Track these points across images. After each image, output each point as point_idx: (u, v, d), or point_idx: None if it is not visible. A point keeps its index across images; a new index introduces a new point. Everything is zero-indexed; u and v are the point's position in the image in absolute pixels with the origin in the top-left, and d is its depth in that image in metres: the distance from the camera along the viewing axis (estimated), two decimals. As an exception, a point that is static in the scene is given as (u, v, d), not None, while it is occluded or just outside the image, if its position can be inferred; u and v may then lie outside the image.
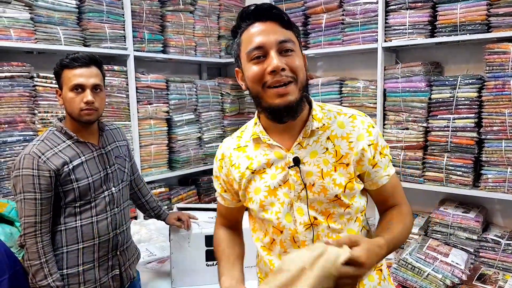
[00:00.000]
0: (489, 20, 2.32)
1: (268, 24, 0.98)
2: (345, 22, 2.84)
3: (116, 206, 1.61)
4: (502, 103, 2.28)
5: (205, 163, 3.41)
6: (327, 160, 1.04)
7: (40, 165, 1.42)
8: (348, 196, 1.04)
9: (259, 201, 1.08)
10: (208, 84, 3.44)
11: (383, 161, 1.07)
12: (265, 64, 0.96)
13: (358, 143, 1.04)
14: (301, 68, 0.99)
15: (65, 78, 1.48)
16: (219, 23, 3.54)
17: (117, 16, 2.77)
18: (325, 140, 1.05)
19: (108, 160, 1.60)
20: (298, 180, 1.04)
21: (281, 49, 0.97)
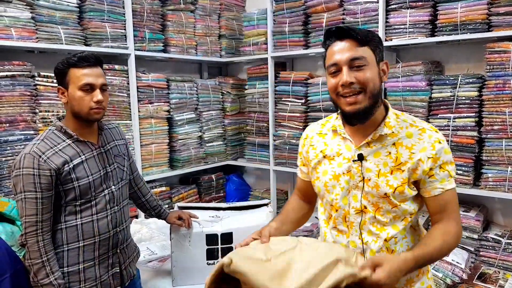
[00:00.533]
0: (490, 19, 2.32)
1: (344, 42, 1.15)
2: (346, 21, 2.84)
3: (116, 204, 1.62)
4: (503, 102, 2.28)
5: (205, 162, 3.42)
6: (386, 162, 1.19)
7: (41, 164, 1.42)
8: (397, 197, 1.18)
9: (324, 182, 1.28)
10: (209, 83, 3.45)
11: (440, 174, 1.18)
12: (338, 78, 1.15)
13: (418, 154, 1.17)
14: (371, 79, 1.14)
15: (72, 77, 1.48)
16: (220, 22, 3.54)
17: (118, 15, 2.77)
18: (390, 145, 1.20)
19: (107, 159, 1.61)
20: (358, 173, 1.21)
21: (352, 65, 1.14)
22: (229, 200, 3.62)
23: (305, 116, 3.13)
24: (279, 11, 3.19)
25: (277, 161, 3.31)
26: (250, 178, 3.95)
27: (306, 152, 1.38)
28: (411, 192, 1.18)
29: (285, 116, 3.21)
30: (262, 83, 3.37)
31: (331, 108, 2.96)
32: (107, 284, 1.60)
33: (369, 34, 1.17)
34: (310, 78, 3.11)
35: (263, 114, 3.41)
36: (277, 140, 3.27)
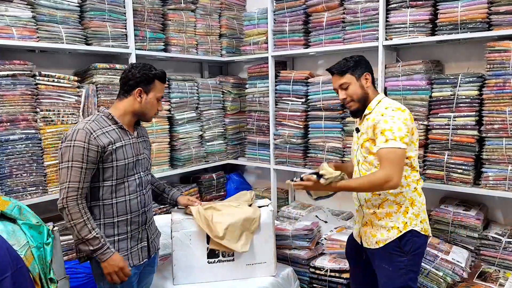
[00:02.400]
0: (490, 18, 2.32)
1: (334, 76, 1.97)
2: (346, 21, 2.84)
3: (144, 187, 1.87)
4: (503, 101, 2.28)
5: (206, 161, 3.42)
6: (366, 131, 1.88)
7: (91, 140, 1.66)
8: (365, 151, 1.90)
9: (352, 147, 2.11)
10: (210, 83, 3.45)
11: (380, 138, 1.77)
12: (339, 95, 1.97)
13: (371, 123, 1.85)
14: (354, 93, 1.91)
15: (156, 87, 1.82)
16: (221, 21, 3.55)
17: (119, 14, 2.78)
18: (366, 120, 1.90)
19: (139, 148, 1.86)
20: (357, 139, 1.97)
21: (341, 88, 1.94)
22: (230, 199, 3.62)
23: (306, 115, 3.13)
24: (279, 10, 3.19)
25: (277, 160, 3.32)
26: (250, 177, 3.95)
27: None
28: (369, 147, 1.85)
29: (285, 115, 3.22)
30: (263, 82, 3.38)
31: (331, 107, 2.97)
32: (136, 255, 1.82)
33: (346, 65, 1.91)
34: (310, 77, 3.11)
35: (263, 113, 3.41)
36: (278, 139, 3.27)
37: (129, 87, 1.78)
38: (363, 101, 1.91)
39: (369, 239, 1.92)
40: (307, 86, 3.10)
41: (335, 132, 2.98)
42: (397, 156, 1.73)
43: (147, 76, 1.78)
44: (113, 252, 1.69)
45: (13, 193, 2.26)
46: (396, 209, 1.85)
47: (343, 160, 2.95)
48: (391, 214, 1.86)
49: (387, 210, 1.86)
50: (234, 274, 2.23)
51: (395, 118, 1.77)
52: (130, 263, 1.79)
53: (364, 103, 1.92)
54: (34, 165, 2.34)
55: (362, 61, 1.93)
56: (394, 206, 1.86)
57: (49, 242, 1.69)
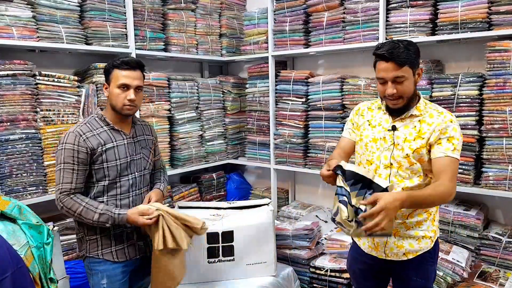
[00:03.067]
0: (490, 18, 2.32)
1: (389, 64, 1.55)
2: (346, 20, 2.84)
3: (137, 188, 1.85)
4: (503, 101, 2.28)
5: (206, 161, 3.42)
6: (411, 133, 1.63)
7: (81, 142, 1.70)
8: (415, 157, 1.61)
9: (365, 142, 1.73)
10: (210, 82, 3.45)
11: (446, 144, 1.58)
12: (384, 88, 1.60)
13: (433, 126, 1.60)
14: (407, 90, 1.58)
15: (114, 76, 1.74)
16: (221, 21, 3.55)
17: (119, 14, 2.77)
18: (416, 121, 1.64)
19: (135, 148, 1.84)
20: (390, 139, 1.66)
21: (394, 80, 1.56)
22: (230, 198, 3.62)
23: (306, 115, 3.13)
24: (279, 10, 3.19)
25: (277, 160, 3.32)
26: (250, 177, 3.95)
27: (357, 118, 1.81)
28: (425, 154, 1.60)
29: (285, 115, 3.21)
30: (263, 82, 3.37)
31: (331, 107, 2.96)
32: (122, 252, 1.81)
33: (407, 54, 1.54)
34: (310, 77, 3.11)
35: (263, 113, 3.41)
36: (278, 139, 3.27)
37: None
38: (410, 101, 1.64)
39: (393, 250, 1.70)
40: (307, 86, 3.10)
41: (335, 132, 2.98)
42: (457, 168, 1.62)
43: (106, 69, 1.78)
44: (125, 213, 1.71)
45: (13, 193, 2.26)
46: (426, 217, 1.69)
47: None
48: (422, 222, 1.69)
49: (417, 219, 1.67)
50: (234, 274, 2.23)
51: (459, 127, 1.62)
52: (115, 258, 1.79)
53: (409, 103, 1.64)
54: (34, 165, 2.34)
55: (418, 51, 1.61)
56: (424, 214, 1.69)
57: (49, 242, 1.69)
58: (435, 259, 1.75)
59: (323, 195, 3.43)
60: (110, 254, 1.79)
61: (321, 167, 3.00)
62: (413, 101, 1.65)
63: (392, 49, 1.54)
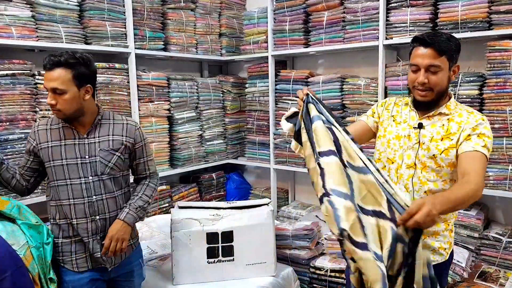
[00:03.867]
0: (490, 18, 2.31)
1: (427, 50, 1.48)
2: (346, 20, 2.84)
3: (94, 194, 1.69)
4: (503, 101, 2.27)
5: (206, 160, 3.42)
6: (439, 132, 1.53)
7: (31, 133, 1.72)
8: (444, 160, 1.51)
9: (388, 139, 1.64)
10: (209, 82, 3.45)
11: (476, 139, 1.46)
12: (416, 76, 1.51)
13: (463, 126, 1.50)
14: (440, 83, 1.50)
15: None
16: (220, 20, 3.54)
17: (118, 14, 2.77)
18: (445, 120, 1.55)
19: (88, 150, 1.70)
20: (416, 137, 1.56)
21: (429, 69, 1.48)
22: (230, 198, 3.62)
23: (306, 114, 3.12)
24: (279, 9, 3.19)
25: (277, 160, 3.31)
26: (250, 177, 3.95)
27: (382, 111, 1.73)
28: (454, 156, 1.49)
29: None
30: (263, 82, 3.37)
31: (331, 106, 2.96)
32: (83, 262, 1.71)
33: (448, 45, 1.47)
34: (310, 77, 3.10)
35: (263, 113, 3.40)
36: (278, 139, 3.27)
37: None
38: (440, 96, 1.54)
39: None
40: (307, 86, 3.09)
41: (335, 131, 2.97)
42: (486, 166, 1.47)
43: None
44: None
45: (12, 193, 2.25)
46: (444, 227, 1.58)
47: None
48: (438, 233, 1.57)
49: (435, 229, 1.56)
50: (234, 274, 2.22)
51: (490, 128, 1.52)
52: (75, 268, 1.69)
53: (439, 99, 1.54)
54: (34, 165, 2.33)
55: (459, 47, 1.53)
56: (442, 224, 1.57)
57: (49, 242, 1.68)
58: (449, 268, 1.67)
59: (323, 195, 3.42)
60: (70, 262, 1.70)
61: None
62: (443, 98, 1.56)
63: (433, 36, 1.49)
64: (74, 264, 1.70)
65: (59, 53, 1.59)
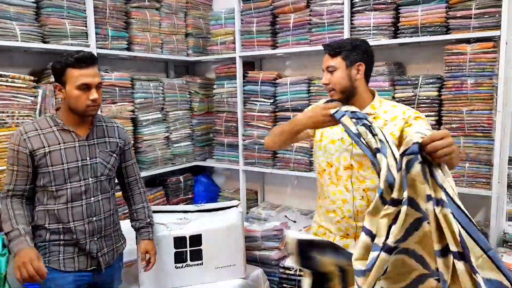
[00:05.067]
0: (448, 22, 2.41)
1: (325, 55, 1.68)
2: (312, 22, 2.87)
3: (92, 196, 1.72)
4: (460, 102, 2.38)
5: (173, 163, 3.36)
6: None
7: (21, 142, 1.61)
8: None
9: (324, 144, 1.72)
10: (176, 83, 3.39)
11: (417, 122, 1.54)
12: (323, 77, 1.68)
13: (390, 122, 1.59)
14: (339, 81, 1.62)
15: (70, 77, 1.60)
16: (187, 20, 3.49)
17: (79, 11, 2.67)
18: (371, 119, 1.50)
19: (89, 151, 1.71)
20: (349, 138, 1.61)
21: (328, 70, 1.65)
22: (198, 201, 3.57)
23: (274, 115, 3.14)
24: (246, 10, 3.18)
25: (246, 161, 3.31)
26: (219, 179, 3.92)
27: None
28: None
29: (254, 115, 3.21)
30: (231, 83, 3.35)
31: (299, 107, 2.99)
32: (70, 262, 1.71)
33: (342, 46, 1.62)
34: (278, 78, 3.12)
35: (231, 114, 3.39)
36: (246, 140, 3.26)
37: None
38: (347, 94, 1.63)
39: None
40: (275, 87, 3.10)
41: (302, 132, 3.00)
42: None
43: (56, 69, 1.63)
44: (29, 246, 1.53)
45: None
46: None
47: (311, 161, 2.97)
48: None
49: None
50: (202, 278, 2.20)
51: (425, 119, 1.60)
52: (61, 267, 1.69)
53: (348, 97, 1.63)
54: (-12, 170, 2.21)
55: (362, 47, 1.64)
56: None
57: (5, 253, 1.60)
58: None
59: (292, 195, 3.45)
60: (57, 261, 1.69)
61: (290, 168, 3.06)
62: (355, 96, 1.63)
63: (332, 42, 1.70)
64: (61, 263, 1.69)
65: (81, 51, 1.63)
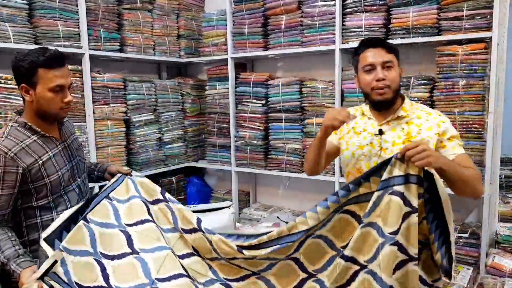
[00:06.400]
0: (440, 24, 2.43)
1: (378, 49, 1.54)
2: (304, 24, 2.88)
3: (84, 196, 1.68)
4: (452, 103, 2.39)
5: (165, 164, 3.35)
6: (400, 135, 1.54)
7: (8, 161, 1.43)
8: None
9: (352, 151, 1.63)
10: (168, 84, 3.39)
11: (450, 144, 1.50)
12: (373, 75, 1.52)
13: (425, 131, 1.52)
14: (395, 78, 1.53)
15: (42, 78, 1.47)
16: (179, 22, 3.49)
17: (71, 13, 2.66)
18: (404, 123, 1.56)
19: (71, 153, 1.65)
20: (378, 144, 1.57)
21: (384, 66, 1.52)
22: (190, 202, 3.56)
23: (266, 117, 3.14)
24: (238, 12, 3.19)
25: (238, 162, 3.31)
26: (211, 180, 3.91)
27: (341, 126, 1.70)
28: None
29: (246, 117, 3.21)
30: (223, 84, 3.35)
31: (291, 108, 2.99)
32: None
33: (393, 45, 1.57)
34: (270, 79, 3.12)
35: (224, 115, 3.39)
36: (238, 141, 3.26)
37: (17, 86, 1.51)
38: (395, 95, 1.55)
39: None
40: (267, 88, 3.11)
41: (295, 133, 3.01)
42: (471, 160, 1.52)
43: (24, 68, 1.46)
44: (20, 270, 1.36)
45: None
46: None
47: (303, 162, 2.98)
48: None
49: None
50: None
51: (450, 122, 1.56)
52: None
53: (394, 98, 1.55)
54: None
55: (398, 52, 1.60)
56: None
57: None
58: None
59: (284, 196, 3.46)
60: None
61: (282, 169, 3.06)
62: (397, 99, 1.58)
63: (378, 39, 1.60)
64: None
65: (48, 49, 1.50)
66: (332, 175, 2.85)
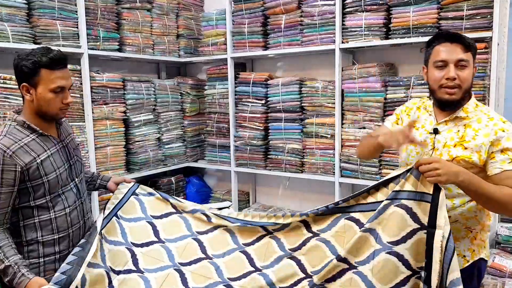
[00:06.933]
0: (440, 23, 2.43)
1: (454, 45, 1.44)
2: (304, 23, 2.88)
3: (81, 195, 1.70)
4: (452, 103, 2.39)
5: (165, 164, 3.34)
6: (453, 137, 1.49)
7: (6, 159, 1.44)
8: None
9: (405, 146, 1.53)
10: (167, 84, 3.38)
11: (501, 157, 1.41)
12: (444, 72, 1.45)
13: (481, 138, 1.44)
14: (468, 79, 1.45)
15: (44, 79, 1.49)
16: (178, 21, 3.48)
17: (70, 13, 2.65)
18: (462, 125, 1.49)
19: (69, 152, 1.66)
20: (431, 142, 1.53)
21: (457, 65, 1.43)
22: (190, 202, 3.56)
23: (266, 116, 3.13)
24: (237, 11, 3.18)
25: (238, 162, 3.30)
26: (211, 180, 3.90)
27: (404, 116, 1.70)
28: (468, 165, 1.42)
29: (245, 117, 3.20)
30: (222, 84, 3.34)
31: (291, 108, 2.99)
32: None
33: (471, 42, 1.46)
34: (270, 79, 3.12)
35: (223, 115, 3.38)
36: (238, 141, 3.25)
37: (18, 84, 1.52)
38: (464, 96, 1.48)
39: None
40: (266, 88, 3.10)
41: (294, 133, 3.00)
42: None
43: (27, 67, 1.47)
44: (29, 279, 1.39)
45: None
46: (464, 234, 1.52)
47: (303, 162, 2.97)
48: (458, 239, 1.49)
49: (455, 235, 1.39)
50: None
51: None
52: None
53: (464, 98, 1.48)
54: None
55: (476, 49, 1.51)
56: (463, 231, 1.52)
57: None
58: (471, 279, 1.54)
59: (284, 197, 3.45)
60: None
61: (282, 169, 3.05)
62: (465, 100, 1.49)
63: (456, 33, 1.47)
64: None
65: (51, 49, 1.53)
66: (332, 175, 2.85)
